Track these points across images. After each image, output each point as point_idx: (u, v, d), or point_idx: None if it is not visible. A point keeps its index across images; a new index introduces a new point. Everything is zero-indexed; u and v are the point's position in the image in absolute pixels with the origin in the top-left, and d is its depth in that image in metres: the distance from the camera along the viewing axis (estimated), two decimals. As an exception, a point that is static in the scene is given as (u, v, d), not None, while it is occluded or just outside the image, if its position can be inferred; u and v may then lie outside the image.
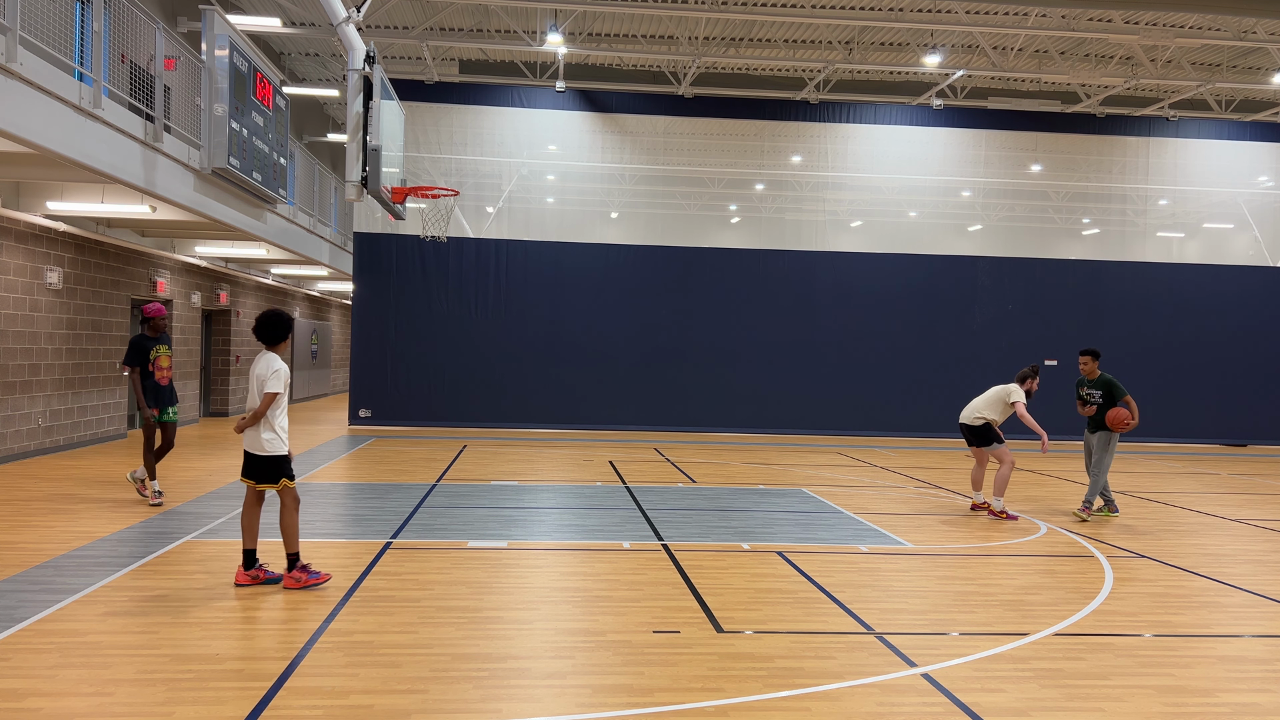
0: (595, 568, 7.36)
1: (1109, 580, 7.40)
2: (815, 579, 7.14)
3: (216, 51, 11.14)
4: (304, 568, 6.50)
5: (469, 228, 19.37)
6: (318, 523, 8.88)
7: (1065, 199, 20.87)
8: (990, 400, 10.25)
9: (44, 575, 6.63)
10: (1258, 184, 21.07)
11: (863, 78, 20.82)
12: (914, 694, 4.81)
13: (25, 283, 12.48)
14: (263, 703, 4.45)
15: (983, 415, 10.19)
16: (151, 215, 12.91)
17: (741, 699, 4.66)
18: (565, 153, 19.73)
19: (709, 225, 20.31)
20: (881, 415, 19.98)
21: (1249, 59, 19.09)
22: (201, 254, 18.07)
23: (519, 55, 19.70)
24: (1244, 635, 6.05)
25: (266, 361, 6.52)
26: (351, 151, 11.22)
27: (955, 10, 16.60)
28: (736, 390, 19.74)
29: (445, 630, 5.63)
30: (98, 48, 9.57)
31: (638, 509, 10.11)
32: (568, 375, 19.40)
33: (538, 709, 4.51)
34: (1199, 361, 20.65)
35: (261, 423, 6.49)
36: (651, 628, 5.79)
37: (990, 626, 6.02)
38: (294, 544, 6.52)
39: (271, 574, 6.55)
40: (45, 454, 13.09)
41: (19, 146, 8.82)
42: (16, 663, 4.89)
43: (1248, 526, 10.21)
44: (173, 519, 8.70)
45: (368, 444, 16.03)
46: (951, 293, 20.34)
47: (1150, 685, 5.03)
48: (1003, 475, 9.92)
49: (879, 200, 20.47)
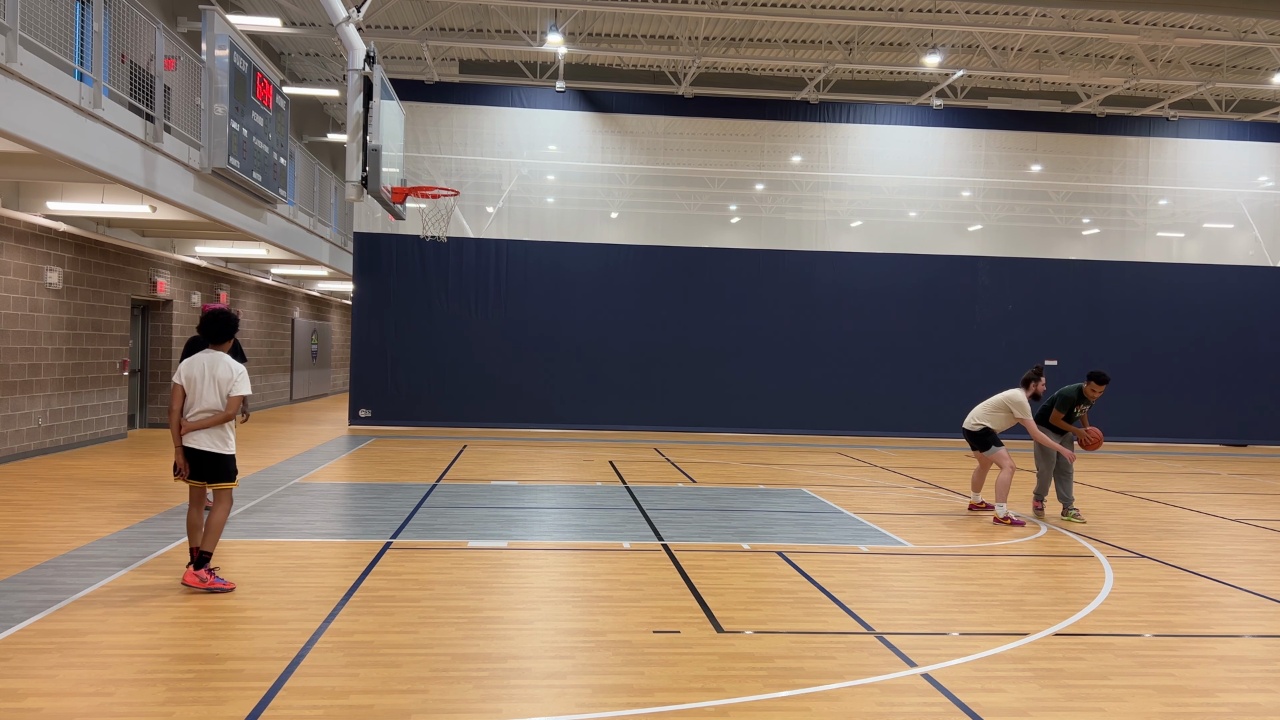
0: (595, 568, 7.36)
1: (1109, 580, 7.40)
2: (815, 579, 7.14)
3: (216, 51, 11.14)
4: (212, 570, 6.39)
5: (469, 228, 19.37)
6: (318, 523, 8.89)
7: (1065, 199, 20.87)
8: (991, 407, 10.22)
9: (44, 575, 6.63)
10: (1258, 184, 21.07)
11: (863, 78, 20.82)
12: (914, 694, 4.81)
13: (25, 283, 12.48)
14: (263, 703, 4.45)
15: (981, 422, 10.19)
16: (151, 215, 12.91)
17: (741, 699, 4.67)
18: (565, 153, 19.73)
19: (709, 225, 20.31)
20: (881, 415, 19.97)
21: (1249, 59, 19.09)
22: (201, 254, 18.07)
23: (519, 55, 19.70)
24: (1244, 635, 6.05)
25: (226, 364, 6.47)
26: (351, 151, 11.23)
27: (955, 10, 16.60)
28: (737, 390, 19.74)
29: (445, 630, 5.63)
30: (98, 48, 9.57)
31: (638, 509, 10.11)
32: (568, 375, 19.40)
33: (538, 709, 4.51)
34: (1199, 361, 20.65)
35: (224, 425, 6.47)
36: (651, 628, 5.79)
37: (990, 626, 6.02)
38: (215, 543, 6.44)
39: (223, 583, 6.39)
40: (45, 454, 13.09)
41: (19, 146, 8.82)
42: (16, 663, 4.89)
43: (1248, 526, 10.21)
44: (173, 519, 8.70)
45: (368, 444, 16.03)
46: (951, 293, 20.33)
47: (1150, 685, 5.03)
48: (1003, 480, 9.87)
49: (879, 200, 20.47)
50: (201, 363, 6.45)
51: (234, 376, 6.45)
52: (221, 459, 6.47)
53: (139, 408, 17.12)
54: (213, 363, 6.45)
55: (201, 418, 6.40)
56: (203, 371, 6.42)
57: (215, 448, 6.43)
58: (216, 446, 6.43)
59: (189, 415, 6.42)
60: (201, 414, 6.40)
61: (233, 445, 6.53)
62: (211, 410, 6.41)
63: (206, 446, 6.40)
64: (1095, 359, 20.34)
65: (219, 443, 6.44)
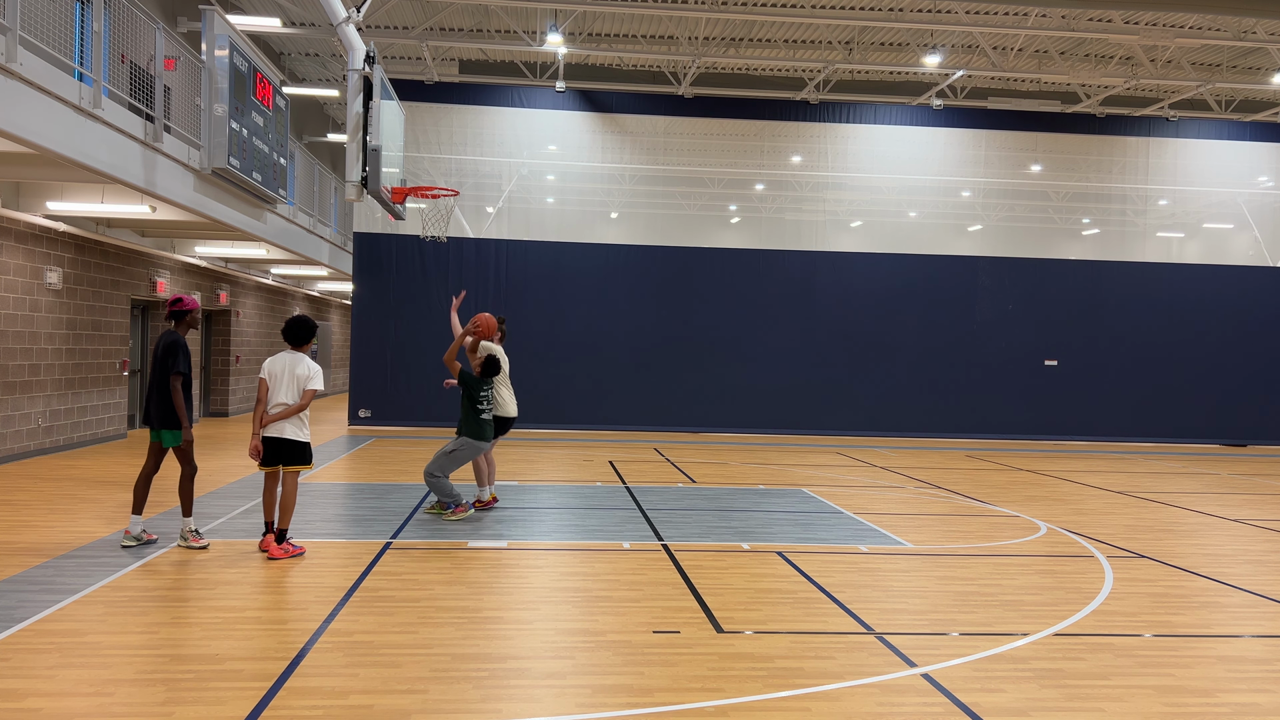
0: (595, 568, 7.36)
1: (1109, 580, 7.40)
2: (815, 579, 7.14)
3: (216, 51, 11.14)
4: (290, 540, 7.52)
5: (469, 228, 19.37)
6: (318, 523, 8.88)
7: (1065, 199, 20.86)
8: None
9: (44, 575, 6.63)
10: (1258, 184, 21.07)
11: (863, 78, 20.81)
12: (914, 694, 4.81)
13: (25, 283, 12.48)
14: (263, 703, 4.45)
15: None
16: (151, 215, 12.90)
17: (741, 699, 4.67)
18: (565, 153, 19.73)
19: (709, 225, 20.30)
20: (881, 415, 19.97)
21: (1249, 59, 19.09)
22: (201, 254, 18.07)
23: (519, 55, 19.70)
24: (1244, 635, 6.05)
25: (306, 363, 7.48)
26: (351, 151, 11.22)
27: (955, 10, 16.60)
28: (736, 390, 19.73)
29: (445, 630, 5.63)
30: (98, 48, 9.57)
31: (638, 509, 10.11)
32: (568, 375, 19.39)
33: (538, 709, 4.51)
34: (1199, 361, 20.64)
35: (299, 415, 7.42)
36: (651, 628, 5.79)
37: (990, 626, 6.02)
38: (289, 519, 7.45)
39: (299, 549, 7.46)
40: (45, 454, 13.09)
41: (19, 146, 8.82)
42: (16, 663, 4.89)
43: (1248, 526, 10.21)
44: (173, 519, 8.69)
45: (368, 444, 16.03)
46: (951, 293, 20.33)
47: (1150, 685, 5.03)
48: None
49: (879, 200, 20.47)
50: (284, 361, 7.44)
51: (311, 374, 7.45)
52: (300, 445, 7.43)
53: (139, 408, 17.11)
54: (294, 362, 7.44)
55: (279, 409, 7.34)
56: (284, 368, 7.41)
57: (296, 435, 7.39)
58: (298, 435, 7.40)
59: (270, 408, 7.37)
60: (278, 406, 7.35)
61: (307, 433, 7.50)
62: (287, 404, 7.35)
63: (290, 435, 7.36)
64: (1095, 359, 20.40)
65: (299, 431, 7.41)
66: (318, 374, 7.49)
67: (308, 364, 7.47)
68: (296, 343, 7.53)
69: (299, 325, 7.57)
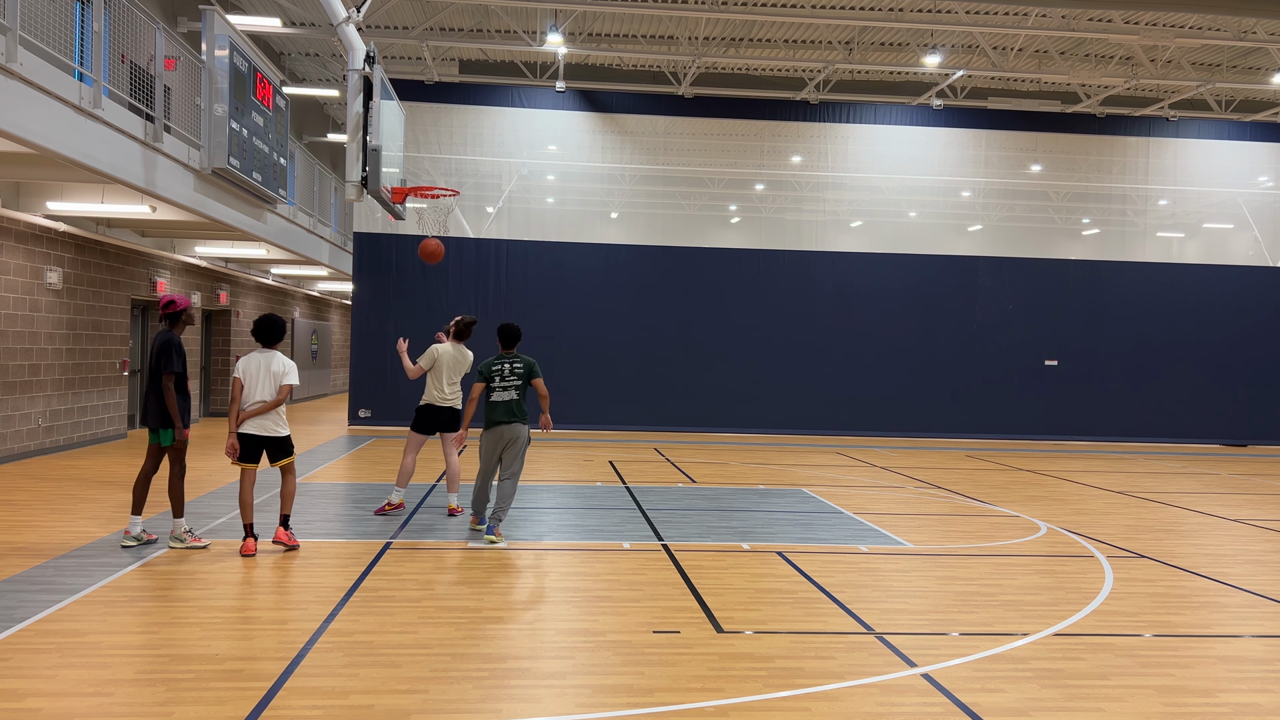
0: (595, 568, 7.36)
1: (1109, 580, 7.40)
2: (815, 579, 7.14)
3: (216, 51, 11.14)
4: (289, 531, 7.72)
5: (469, 228, 19.37)
6: (318, 523, 8.88)
7: (1065, 199, 20.86)
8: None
9: (44, 575, 6.63)
10: (1258, 184, 21.07)
11: (863, 78, 20.81)
12: (914, 694, 4.81)
13: (25, 283, 12.48)
14: (263, 703, 4.45)
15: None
16: (151, 215, 12.90)
17: (741, 699, 4.67)
18: (565, 153, 19.72)
19: (709, 225, 20.30)
20: (881, 415, 19.96)
21: (1249, 59, 19.09)
22: (201, 254, 18.07)
23: (519, 55, 19.69)
24: (1244, 635, 6.05)
25: (280, 359, 7.55)
26: (351, 151, 11.22)
27: (955, 10, 16.60)
28: (736, 390, 19.73)
29: (445, 630, 5.63)
30: (98, 48, 9.57)
31: (638, 509, 10.11)
32: (568, 375, 19.35)
33: (538, 709, 4.51)
34: (1199, 361, 20.64)
35: (276, 410, 7.50)
36: (651, 628, 5.79)
37: (990, 626, 6.02)
38: (291, 506, 7.69)
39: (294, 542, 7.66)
40: (45, 454, 13.09)
41: (19, 146, 8.81)
42: (16, 663, 4.89)
43: (1248, 526, 10.21)
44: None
45: (368, 444, 16.03)
46: (951, 293, 20.32)
47: (1150, 685, 5.03)
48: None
49: (879, 200, 20.46)
50: (257, 360, 7.51)
51: (286, 370, 7.54)
52: (281, 440, 7.56)
53: (139, 408, 17.11)
54: (268, 359, 7.52)
55: (257, 405, 7.41)
56: (259, 366, 7.49)
57: (274, 431, 7.50)
58: (279, 430, 7.52)
59: (245, 405, 7.43)
60: (256, 403, 7.42)
61: (287, 427, 7.62)
62: (264, 401, 7.43)
63: (262, 431, 7.46)
64: (1095, 359, 20.40)
65: (276, 426, 7.51)
66: (292, 369, 7.58)
67: (282, 360, 7.56)
68: (268, 341, 7.62)
69: (270, 324, 7.65)
